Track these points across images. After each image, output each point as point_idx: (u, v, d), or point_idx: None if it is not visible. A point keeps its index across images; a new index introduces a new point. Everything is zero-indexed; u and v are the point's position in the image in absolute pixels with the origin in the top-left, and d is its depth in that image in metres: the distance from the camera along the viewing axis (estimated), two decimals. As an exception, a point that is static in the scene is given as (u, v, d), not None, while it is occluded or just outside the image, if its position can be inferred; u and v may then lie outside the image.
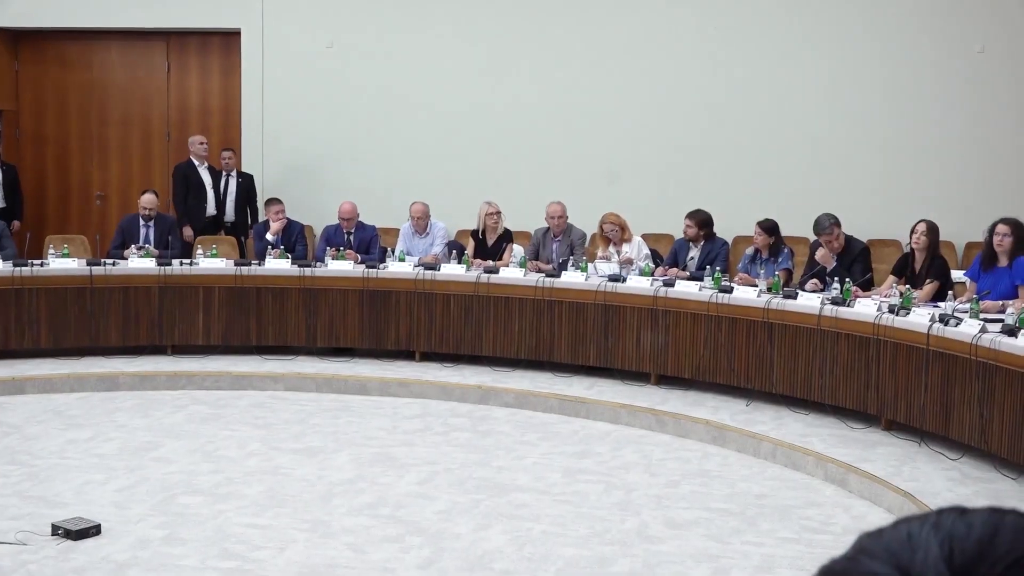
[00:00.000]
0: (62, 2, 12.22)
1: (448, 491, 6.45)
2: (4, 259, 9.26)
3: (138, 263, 9.47)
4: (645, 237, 9.70)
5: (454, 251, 9.84)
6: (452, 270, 9.42)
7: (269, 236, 9.98)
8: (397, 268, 9.51)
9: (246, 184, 11.44)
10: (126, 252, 9.70)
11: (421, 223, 10.06)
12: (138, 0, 12.07)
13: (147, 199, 10.06)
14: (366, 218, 10.18)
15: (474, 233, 9.98)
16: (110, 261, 9.50)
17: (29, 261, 9.37)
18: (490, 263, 9.49)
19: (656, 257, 9.49)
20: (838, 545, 4.56)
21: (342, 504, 6.20)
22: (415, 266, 9.53)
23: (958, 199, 10.14)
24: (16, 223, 10.97)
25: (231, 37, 12.29)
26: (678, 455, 7.30)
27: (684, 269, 9.07)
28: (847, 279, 7.82)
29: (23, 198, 11.83)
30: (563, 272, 9.13)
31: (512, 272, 9.27)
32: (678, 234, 9.67)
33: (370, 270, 9.47)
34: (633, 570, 5.29)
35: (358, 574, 5.20)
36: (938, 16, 10.49)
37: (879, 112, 10.62)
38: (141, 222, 10.02)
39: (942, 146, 10.50)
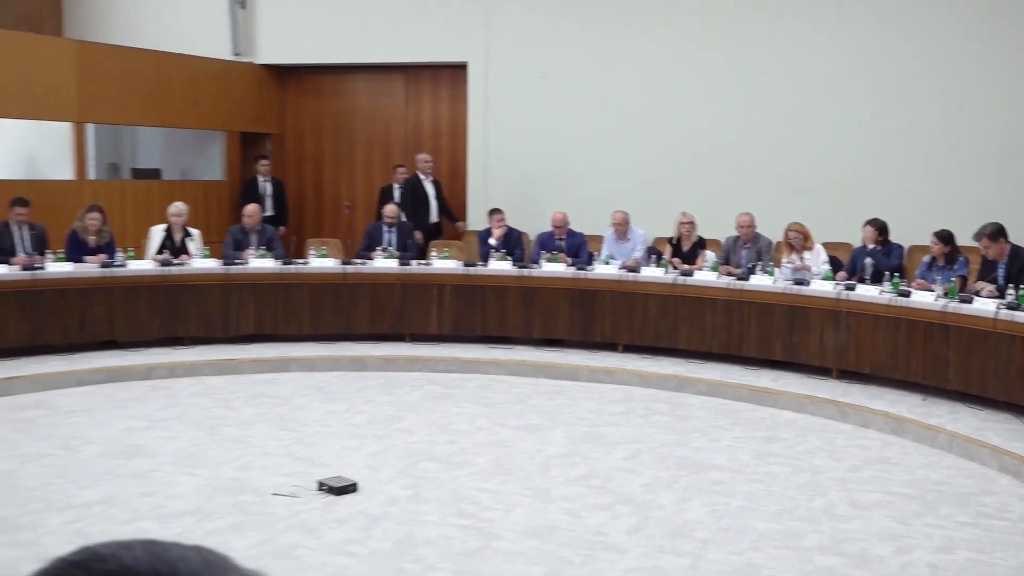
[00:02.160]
0: (318, 42, 12.69)
1: (651, 467, 6.44)
2: (275, 259, 9.71)
3: (383, 263, 9.79)
4: (825, 245, 9.44)
5: (653, 255, 9.82)
6: (651, 272, 9.39)
7: (492, 241, 10.18)
8: (603, 270, 9.54)
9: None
10: (372, 253, 10.03)
11: (622, 230, 10.08)
12: (380, 39, 12.43)
13: (390, 209, 10.41)
14: (575, 226, 10.26)
15: (671, 240, 9.93)
16: (359, 261, 9.85)
17: (294, 260, 9.82)
18: (685, 267, 9.43)
19: (835, 263, 9.22)
20: (1015, 531, 4.39)
21: (559, 475, 6.26)
22: (619, 268, 9.55)
23: None
24: (282, 228, 11.48)
25: (459, 70, 12.53)
26: (859, 443, 7.08)
27: (861, 275, 8.79)
28: (1021, 285, 7.46)
29: (288, 207, 12.38)
30: (751, 276, 8.99)
31: (705, 275, 9.19)
32: (856, 243, 9.41)
33: (579, 271, 9.54)
34: (821, 544, 5.17)
35: (575, 535, 5.24)
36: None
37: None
38: (384, 228, 10.34)
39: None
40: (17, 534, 5.15)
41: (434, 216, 11.60)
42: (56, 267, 8.86)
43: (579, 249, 10.10)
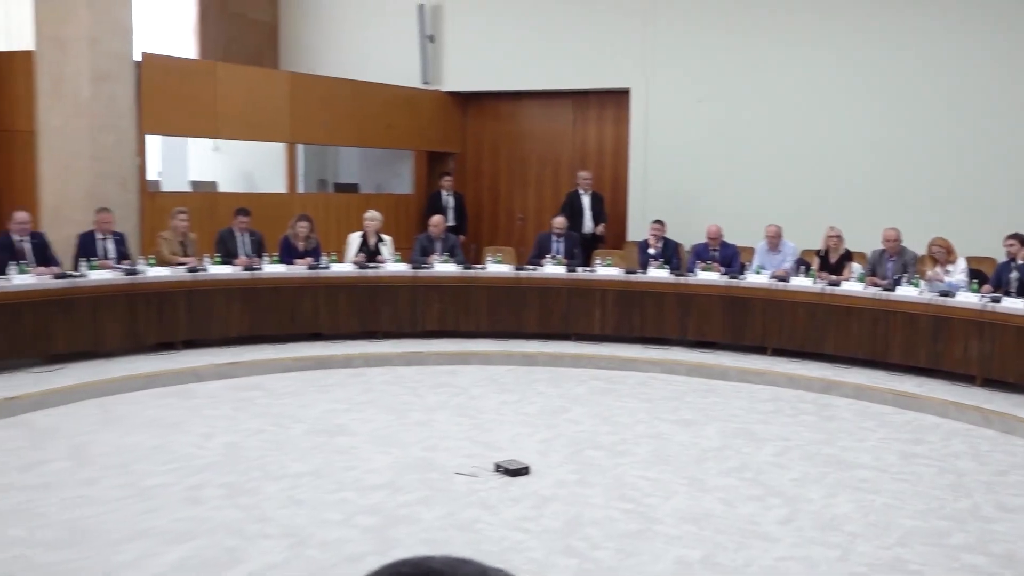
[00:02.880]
0: (496, 71, 12.87)
1: (800, 463, 6.27)
2: (457, 264, 9.89)
3: (551, 270, 9.86)
4: (968, 259, 8.99)
5: (801, 266, 9.57)
6: (800, 282, 9.15)
7: (651, 251, 10.11)
8: (754, 279, 9.35)
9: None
10: (542, 261, 10.10)
11: (775, 242, 9.84)
12: (550, 69, 12.53)
13: (559, 221, 10.47)
14: (729, 238, 10.07)
15: (819, 252, 9.64)
16: (531, 267, 9.95)
17: (473, 265, 10.00)
18: (832, 277, 9.14)
19: (980, 277, 8.76)
20: None
21: (713, 467, 6.17)
22: (769, 278, 9.34)
23: None
24: (463, 237, 11.67)
25: (622, 95, 12.51)
26: (1004, 448, 6.70)
27: (1006, 288, 8.32)
28: None
29: (467, 218, 12.58)
30: (897, 287, 8.65)
31: (852, 286, 8.89)
32: (999, 257, 8.93)
33: (732, 280, 9.38)
34: (968, 543, 4.93)
35: (729, 523, 5.15)
36: None
37: None
38: (553, 238, 10.40)
39: None
40: (240, 498, 5.42)
41: (588, 227, 11.60)
42: (271, 268, 9.28)
43: (732, 260, 9.91)
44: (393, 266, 9.78)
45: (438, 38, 13.12)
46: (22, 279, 7.94)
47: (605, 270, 9.89)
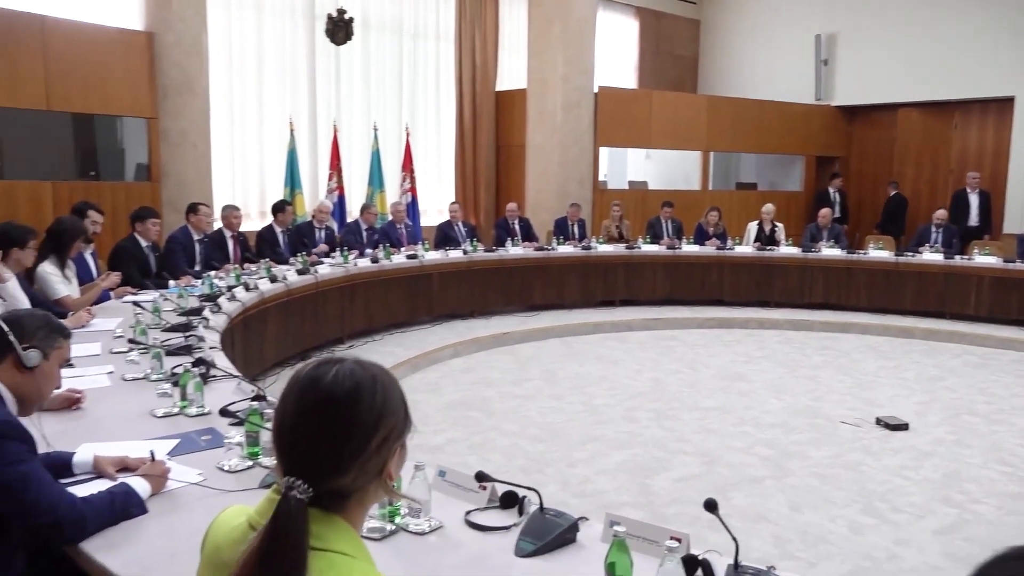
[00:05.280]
0: (881, 86, 11.68)
1: None
2: (841, 249, 9.11)
3: (929, 256, 8.73)
4: None
5: None
6: None
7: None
8: None
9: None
10: (920, 249, 8.98)
11: None
12: (931, 79, 11.08)
13: (940, 213, 9.25)
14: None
15: None
16: (909, 253, 8.88)
17: (856, 251, 9.17)
18: None
19: None
20: None
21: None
22: None
23: None
24: (846, 227, 10.66)
25: (1005, 103, 10.70)
26: None
27: None
28: None
29: (850, 211, 11.57)
30: None
31: None
32: None
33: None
34: None
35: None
36: None
37: None
38: (933, 228, 9.20)
39: None
40: (664, 421, 5.47)
41: (973, 220, 10.08)
42: (688, 248, 9.23)
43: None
44: (785, 249, 9.26)
45: (831, 61, 12.17)
46: (514, 250, 8.67)
47: (982, 258, 8.55)
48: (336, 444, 1.07)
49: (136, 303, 4.66)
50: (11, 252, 4.21)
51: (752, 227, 9.71)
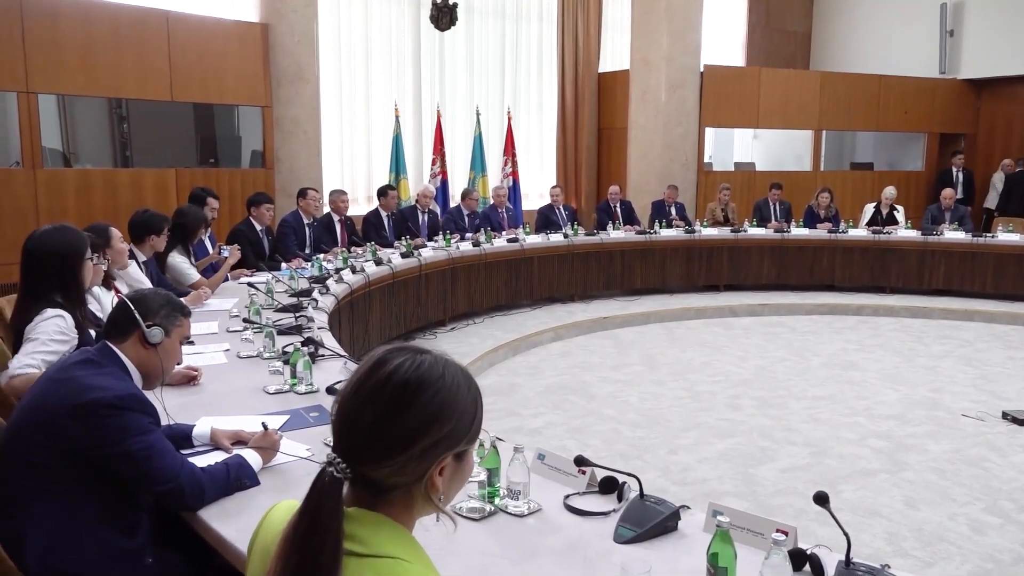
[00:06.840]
0: (1008, 55, 10.83)
1: None
2: (965, 232, 8.56)
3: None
4: None
5: None
6: None
7: None
8: None
9: None
10: None
11: None
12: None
13: None
14: None
15: None
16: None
17: (983, 234, 8.56)
18: None
19: None
20: None
21: None
22: None
23: None
24: (969, 208, 9.97)
25: None
26: None
27: None
28: None
29: (975, 192, 10.86)
30: None
31: None
32: None
33: None
34: None
35: None
36: None
37: None
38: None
39: None
40: (769, 410, 5.28)
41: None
42: (797, 231, 8.87)
43: None
44: (904, 232, 8.75)
45: (957, 32, 11.37)
46: (615, 234, 8.56)
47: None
48: (379, 432, 1.01)
49: (251, 284, 4.88)
50: (148, 239, 4.49)
51: (869, 208, 9.25)
